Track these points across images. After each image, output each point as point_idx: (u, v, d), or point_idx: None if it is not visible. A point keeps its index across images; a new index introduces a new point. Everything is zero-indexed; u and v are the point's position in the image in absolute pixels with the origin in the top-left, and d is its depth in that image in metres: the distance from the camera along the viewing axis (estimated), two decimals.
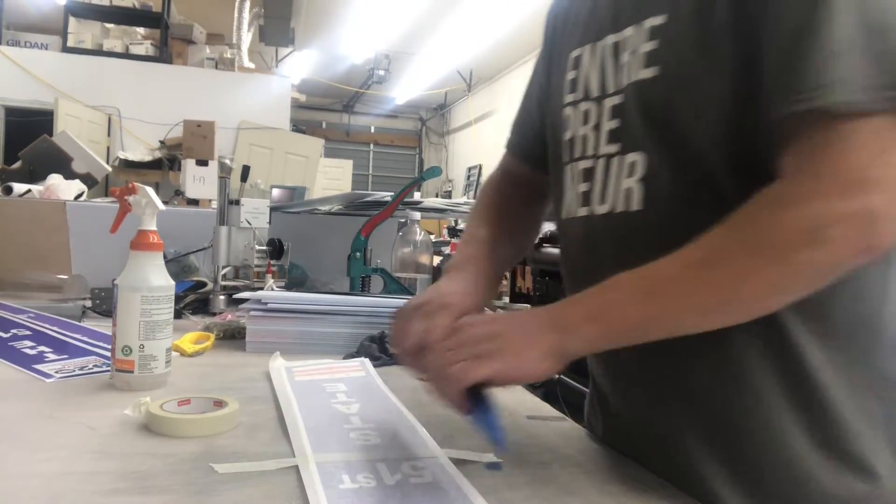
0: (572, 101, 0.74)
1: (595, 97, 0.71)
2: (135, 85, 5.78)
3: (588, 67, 0.72)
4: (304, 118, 10.22)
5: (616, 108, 0.68)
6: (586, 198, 0.72)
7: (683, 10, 0.60)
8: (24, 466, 0.57)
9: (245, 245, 1.46)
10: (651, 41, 0.63)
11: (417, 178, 1.59)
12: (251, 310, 1.09)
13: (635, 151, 0.66)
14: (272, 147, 6.04)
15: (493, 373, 0.57)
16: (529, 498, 0.57)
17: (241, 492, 0.54)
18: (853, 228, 0.48)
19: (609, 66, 0.69)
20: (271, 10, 6.45)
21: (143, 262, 0.82)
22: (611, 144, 0.68)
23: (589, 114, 0.71)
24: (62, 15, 5.99)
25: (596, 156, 0.70)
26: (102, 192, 4.60)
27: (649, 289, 0.56)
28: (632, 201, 0.66)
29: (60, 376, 0.86)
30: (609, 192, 0.69)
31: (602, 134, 0.70)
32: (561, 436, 0.75)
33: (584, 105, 0.72)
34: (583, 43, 0.73)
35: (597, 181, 0.70)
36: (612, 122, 0.68)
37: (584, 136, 0.72)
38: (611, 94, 0.69)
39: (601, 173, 0.70)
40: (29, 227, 1.66)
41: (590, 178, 0.71)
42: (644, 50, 0.63)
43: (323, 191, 6.12)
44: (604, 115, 0.70)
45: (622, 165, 0.67)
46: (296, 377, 0.89)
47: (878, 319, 0.61)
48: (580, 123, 0.73)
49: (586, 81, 0.72)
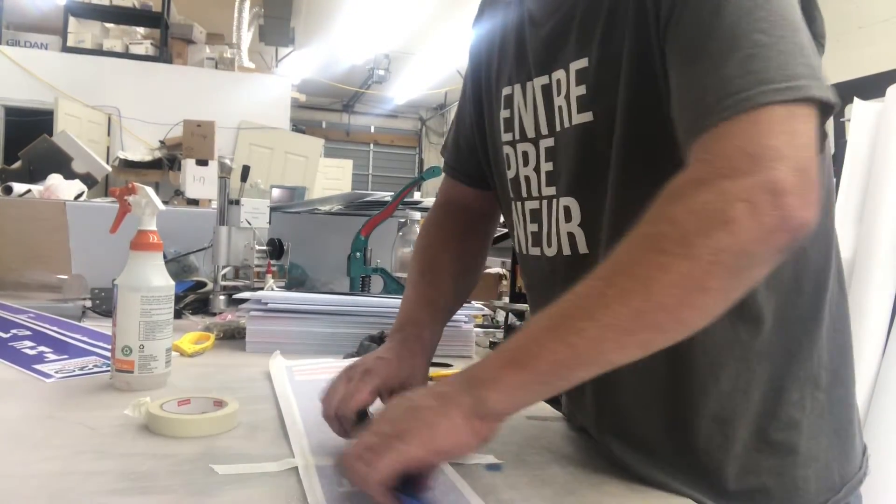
0: (510, 140, 0.74)
1: (531, 138, 0.71)
2: (135, 85, 5.78)
3: (520, 108, 0.72)
4: (304, 118, 10.21)
5: (549, 151, 0.68)
6: (536, 238, 0.72)
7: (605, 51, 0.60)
8: (24, 466, 0.57)
9: (245, 245, 1.46)
10: (580, 86, 0.63)
11: (417, 178, 1.59)
12: (251, 310, 1.09)
13: (567, 196, 0.66)
14: (272, 147, 6.04)
15: (404, 458, 0.49)
16: (529, 498, 0.57)
17: (241, 492, 0.54)
18: (758, 204, 0.44)
19: (541, 108, 0.69)
20: (271, 9, 6.45)
21: (143, 262, 0.82)
22: (549, 187, 0.68)
23: (528, 155, 0.71)
24: (62, 15, 5.98)
25: (540, 197, 0.70)
26: (102, 192, 4.60)
27: (561, 316, 0.50)
28: (577, 245, 0.66)
29: (60, 376, 0.86)
30: (553, 236, 0.68)
31: (541, 175, 0.70)
32: (561, 436, 0.75)
33: (522, 146, 0.72)
34: (512, 81, 0.73)
35: (543, 223, 0.70)
36: (548, 164, 0.68)
37: (526, 176, 0.72)
38: (545, 136, 0.69)
39: (545, 215, 0.70)
40: (29, 227, 1.66)
41: (537, 218, 0.71)
42: (575, 95, 0.63)
43: (323, 191, 6.11)
44: (540, 156, 0.69)
45: (559, 209, 0.67)
46: (296, 377, 0.89)
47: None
48: (521, 164, 0.72)
49: (520, 122, 0.72)
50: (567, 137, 0.65)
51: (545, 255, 0.70)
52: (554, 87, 0.66)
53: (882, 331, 1.53)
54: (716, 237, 0.45)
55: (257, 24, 6.82)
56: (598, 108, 0.61)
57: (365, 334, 1.07)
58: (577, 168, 0.64)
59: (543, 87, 0.68)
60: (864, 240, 1.59)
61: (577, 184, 0.65)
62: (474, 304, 1.20)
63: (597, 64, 0.61)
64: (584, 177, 0.64)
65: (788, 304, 0.60)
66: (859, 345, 1.51)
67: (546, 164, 0.69)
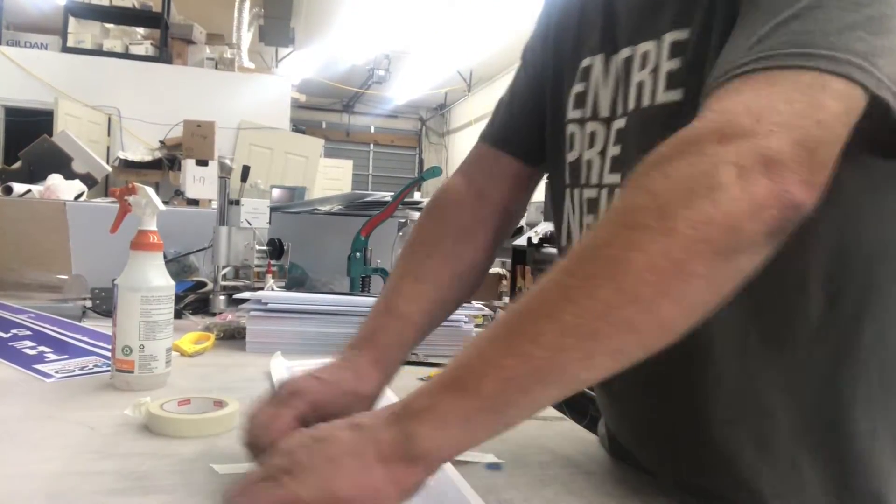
0: (578, 118, 0.65)
1: (604, 118, 0.62)
2: (135, 85, 5.78)
3: (599, 82, 0.63)
4: (304, 118, 10.21)
5: (620, 133, 0.60)
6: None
7: (709, 22, 0.51)
8: (24, 466, 0.57)
9: (245, 245, 1.46)
10: (673, 59, 0.54)
11: (417, 178, 1.59)
12: (251, 310, 1.09)
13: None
14: (272, 147, 6.04)
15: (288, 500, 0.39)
16: (529, 498, 0.57)
17: None
18: (748, 170, 0.37)
19: (621, 85, 0.60)
20: (271, 10, 6.44)
21: (143, 262, 0.82)
22: (613, 174, 0.60)
23: (595, 136, 0.63)
24: (62, 15, 5.98)
25: (601, 185, 0.61)
26: (102, 192, 4.60)
27: (514, 321, 0.40)
28: None
29: (60, 376, 0.86)
30: None
31: (606, 160, 0.61)
32: (561, 436, 0.75)
33: (591, 125, 0.63)
34: (594, 52, 0.64)
35: (601, 214, 0.61)
36: (615, 147, 0.60)
37: (589, 160, 0.63)
38: (619, 117, 0.60)
39: (605, 206, 0.61)
40: (29, 227, 1.66)
41: (594, 209, 0.63)
42: (666, 69, 0.55)
43: (323, 191, 6.11)
44: (609, 139, 0.61)
45: None
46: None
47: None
48: (586, 146, 0.64)
49: (595, 98, 0.63)
50: (645, 118, 0.56)
51: None
52: (637, 62, 0.58)
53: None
54: (698, 207, 0.37)
55: (257, 24, 6.82)
56: (692, 85, 0.52)
57: None
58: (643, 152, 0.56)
59: (626, 59, 0.59)
60: None
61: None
62: (474, 304, 1.20)
63: (699, 36, 0.52)
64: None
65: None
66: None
67: (614, 147, 0.60)
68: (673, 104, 0.53)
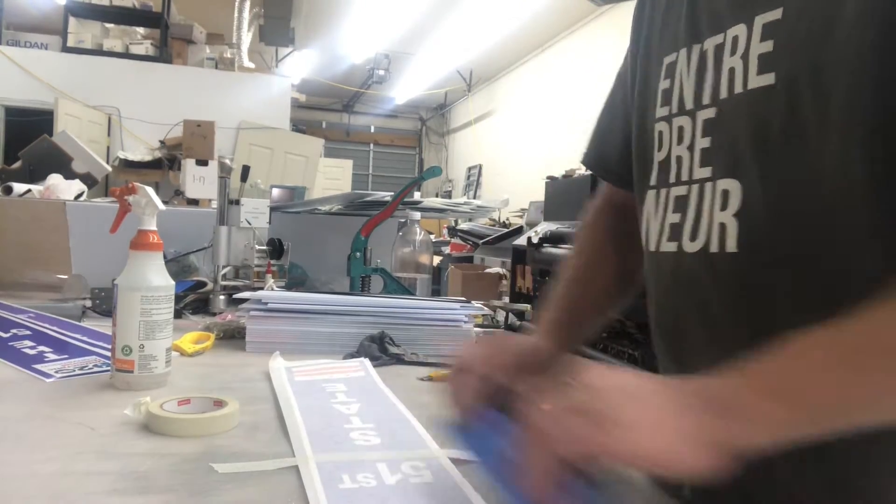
0: (666, 115, 0.63)
1: (688, 110, 0.60)
2: (135, 85, 5.79)
3: (682, 75, 0.61)
4: (304, 118, 10.21)
5: (708, 123, 0.57)
6: (676, 231, 0.61)
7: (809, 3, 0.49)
8: (24, 466, 0.57)
9: (245, 245, 1.46)
10: (765, 41, 0.51)
11: (417, 178, 1.59)
12: (251, 310, 1.09)
13: (728, 178, 0.55)
14: (272, 147, 6.05)
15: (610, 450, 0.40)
16: None
17: (241, 492, 0.54)
18: None
19: (709, 73, 0.58)
20: (271, 10, 6.45)
21: (143, 262, 0.82)
22: (704, 168, 0.58)
23: (683, 130, 0.60)
24: (62, 15, 5.98)
25: (690, 181, 0.59)
26: (102, 192, 4.60)
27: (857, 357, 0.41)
28: (727, 240, 0.55)
29: (60, 376, 0.86)
30: (702, 228, 0.58)
31: (695, 154, 0.59)
32: None
33: (679, 120, 0.61)
34: (678, 47, 0.62)
35: (689, 212, 0.59)
36: (704, 140, 0.58)
37: (678, 156, 0.61)
38: (706, 107, 0.58)
39: (694, 203, 0.59)
40: (29, 227, 1.66)
41: (682, 207, 0.61)
42: (757, 52, 0.52)
43: (323, 191, 6.12)
44: (696, 131, 0.59)
45: (714, 194, 0.56)
46: (296, 377, 0.89)
47: None
48: (675, 141, 0.61)
49: (681, 91, 0.61)
50: (737, 104, 0.54)
51: (683, 250, 0.60)
52: (728, 47, 0.55)
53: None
54: None
55: (257, 24, 6.82)
56: (785, 68, 0.50)
57: (365, 334, 1.08)
58: (744, 144, 0.53)
59: (716, 47, 0.57)
60: None
61: (742, 163, 0.54)
62: (474, 304, 1.20)
63: (796, 15, 0.50)
64: (753, 154, 0.53)
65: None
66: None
67: (703, 139, 0.58)
68: (766, 88, 0.51)
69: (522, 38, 7.32)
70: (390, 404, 0.79)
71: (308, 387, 0.85)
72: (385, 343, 1.05)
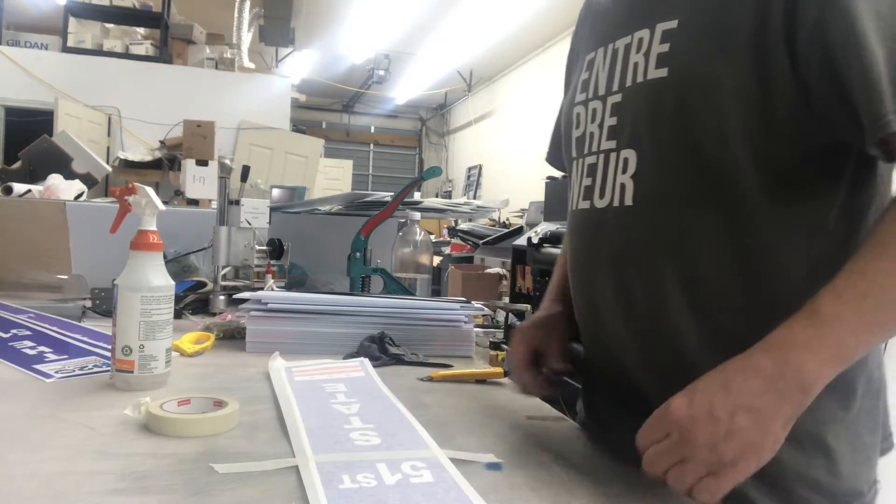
0: (583, 100, 0.78)
1: (601, 95, 0.75)
2: (135, 85, 5.78)
3: (599, 68, 0.76)
4: (304, 118, 10.21)
5: (615, 106, 0.72)
6: (588, 191, 0.76)
7: (697, 14, 0.64)
8: (24, 466, 0.57)
9: (245, 245, 1.46)
10: (663, 44, 0.67)
11: (417, 178, 1.59)
12: (251, 310, 1.09)
13: (628, 149, 0.70)
14: (272, 147, 6.04)
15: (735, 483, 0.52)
16: (529, 498, 0.57)
17: (241, 492, 0.54)
18: None
19: (618, 67, 0.72)
20: (271, 10, 6.45)
21: (143, 262, 0.82)
22: (609, 141, 0.73)
23: (596, 112, 0.75)
24: (62, 15, 5.98)
25: (598, 151, 0.74)
26: (102, 192, 4.60)
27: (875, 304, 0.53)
28: (626, 196, 0.70)
29: (60, 376, 0.86)
30: (608, 187, 0.73)
31: (604, 130, 0.74)
32: (561, 436, 0.75)
33: (593, 104, 0.76)
34: (597, 46, 0.78)
35: (597, 176, 0.74)
36: (612, 119, 0.73)
37: (591, 133, 0.76)
38: (614, 92, 0.73)
39: (601, 168, 0.74)
40: (29, 227, 1.66)
41: (592, 172, 0.76)
42: (656, 52, 0.67)
43: (323, 191, 6.12)
44: (606, 112, 0.74)
45: (618, 161, 0.72)
46: (296, 377, 0.89)
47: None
48: (589, 121, 0.77)
49: (596, 81, 0.76)
50: (637, 91, 0.69)
51: (595, 206, 0.75)
52: (634, 46, 0.70)
53: None
54: None
55: (257, 24, 6.82)
56: (676, 64, 0.65)
57: (365, 334, 1.08)
58: (641, 122, 0.69)
59: (626, 46, 0.72)
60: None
61: (638, 136, 0.69)
62: (474, 305, 1.20)
63: (688, 26, 0.65)
64: (647, 129, 0.68)
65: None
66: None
67: (610, 119, 0.73)
68: (660, 79, 0.66)
69: (522, 38, 7.31)
70: (390, 404, 0.79)
71: (308, 387, 0.85)
72: (385, 343, 1.05)
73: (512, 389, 0.92)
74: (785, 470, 0.64)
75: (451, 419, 0.78)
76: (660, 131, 0.67)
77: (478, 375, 0.99)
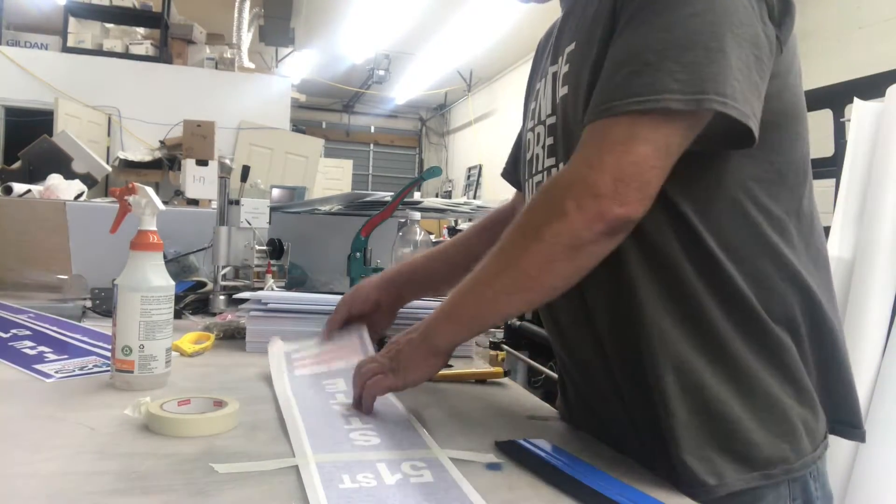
0: (531, 126, 0.85)
1: (542, 120, 0.81)
2: (135, 85, 5.78)
3: (541, 95, 0.82)
4: (304, 118, 10.22)
5: (551, 127, 0.79)
6: None
7: (585, 37, 0.72)
8: (24, 466, 0.57)
9: (245, 245, 1.46)
10: (566, 65, 0.75)
11: (417, 178, 1.59)
12: (251, 310, 1.09)
13: (562, 163, 0.76)
14: (272, 147, 6.04)
15: (395, 385, 0.74)
16: (529, 498, 0.57)
17: (241, 492, 0.54)
18: (582, 202, 0.61)
19: (550, 91, 0.80)
20: (271, 10, 6.45)
21: (142, 262, 0.82)
22: (550, 158, 0.79)
23: (539, 135, 0.82)
24: (62, 15, 5.98)
25: (543, 170, 0.81)
26: (102, 192, 4.60)
27: (472, 284, 0.69)
28: None
29: (60, 376, 0.86)
30: None
31: (545, 150, 0.81)
32: (561, 436, 0.75)
33: (538, 128, 0.83)
34: (541, 77, 0.84)
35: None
36: (549, 138, 0.79)
37: (536, 154, 0.83)
38: (549, 115, 0.79)
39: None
40: (29, 227, 1.66)
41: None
42: (563, 72, 0.75)
43: (323, 191, 6.12)
44: (545, 134, 0.80)
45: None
46: (296, 371, 0.89)
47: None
48: (535, 144, 0.83)
49: (539, 108, 0.83)
50: (559, 109, 0.76)
51: None
52: (560, 71, 0.77)
53: (882, 331, 1.53)
54: (555, 225, 0.62)
55: (257, 24, 6.82)
56: (571, 82, 0.73)
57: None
58: (563, 137, 0.76)
59: (553, 73, 0.79)
60: (864, 240, 1.58)
61: (564, 150, 0.75)
62: None
63: (579, 46, 0.73)
64: (566, 144, 0.75)
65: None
66: (860, 344, 1.51)
67: (548, 139, 0.79)
68: (564, 96, 0.75)
69: (522, 38, 7.31)
70: (390, 404, 0.79)
71: (307, 382, 0.85)
72: (384, 343, 1.05)
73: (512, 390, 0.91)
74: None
75: (451, 419, 0.78)
76: (571, 142, 0.72)
77: (478, 375, 0.99)
